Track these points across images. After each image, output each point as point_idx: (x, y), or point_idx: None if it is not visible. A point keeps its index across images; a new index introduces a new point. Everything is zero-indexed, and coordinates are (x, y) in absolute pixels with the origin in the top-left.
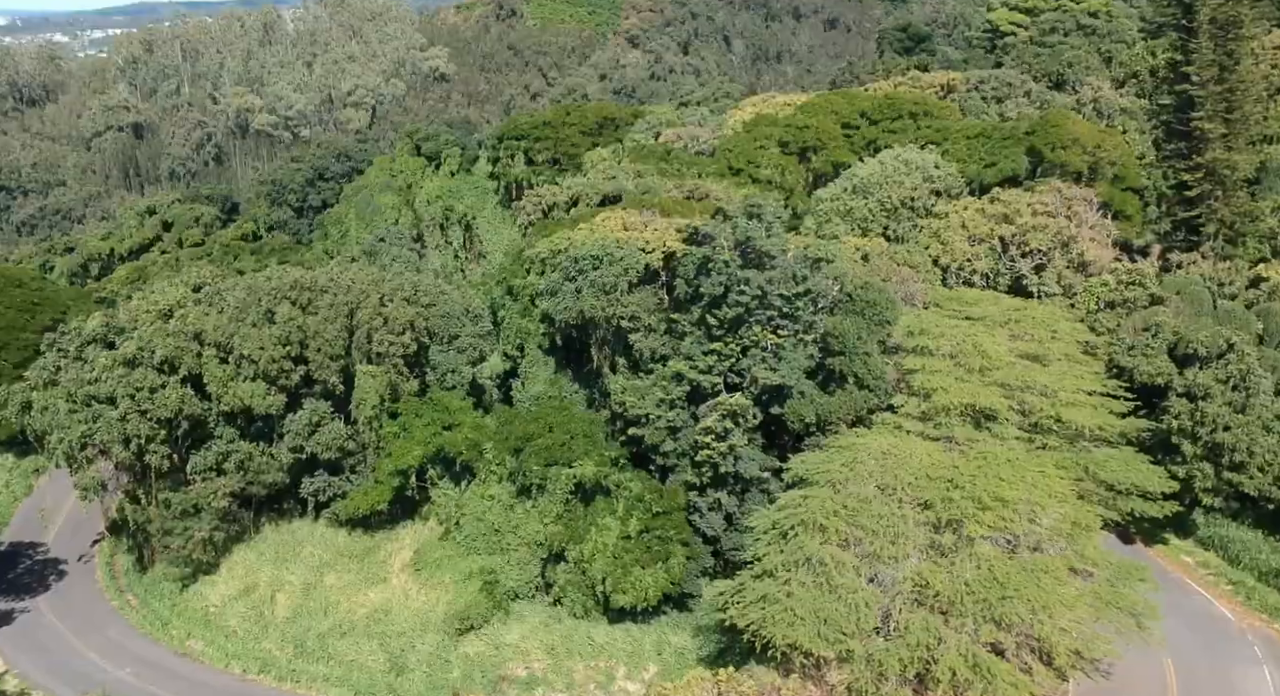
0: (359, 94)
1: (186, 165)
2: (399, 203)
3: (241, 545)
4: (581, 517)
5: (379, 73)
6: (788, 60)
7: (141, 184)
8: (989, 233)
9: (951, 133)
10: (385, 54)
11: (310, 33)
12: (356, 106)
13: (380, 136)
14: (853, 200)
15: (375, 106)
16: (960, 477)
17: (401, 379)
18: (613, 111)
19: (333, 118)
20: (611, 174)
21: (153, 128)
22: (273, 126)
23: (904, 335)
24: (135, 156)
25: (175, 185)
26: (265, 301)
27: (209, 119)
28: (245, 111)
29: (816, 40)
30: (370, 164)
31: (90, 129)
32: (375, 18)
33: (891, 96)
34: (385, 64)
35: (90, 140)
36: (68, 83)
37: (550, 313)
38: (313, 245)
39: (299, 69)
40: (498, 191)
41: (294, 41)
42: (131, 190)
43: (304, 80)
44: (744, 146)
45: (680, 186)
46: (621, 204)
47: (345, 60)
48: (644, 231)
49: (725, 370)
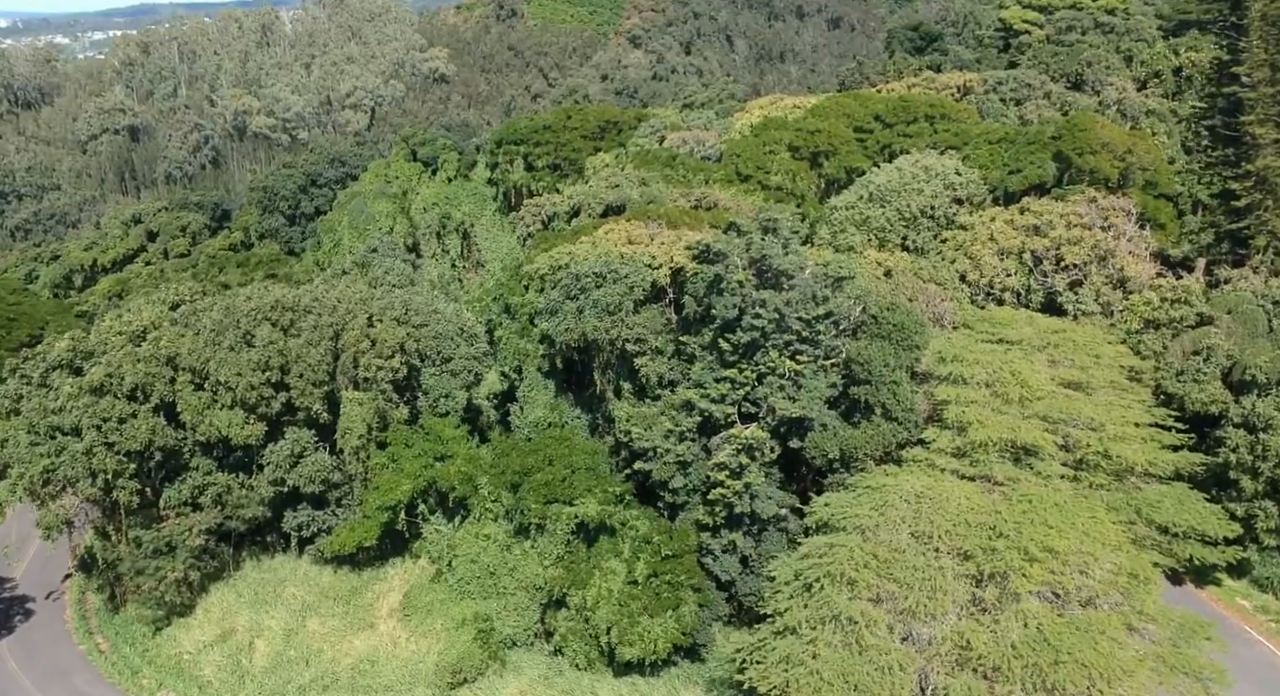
0: (358, 96)
1: (183, 168)
2: (394, 210)
3: (220, 583)
4: (584, 560)
5: (378, 74)
6: (791, 60)
7: (138, 187)
8: (1020, 246)
9: (972, 137)
10: (384, 55)
11: (308, 34)
12: (355, 108)
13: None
14: (869, 209)
15: (374, 108)
16: (1004, 525)
17: (390, 406)
18: (615, 114)
19: (331, 120)
20: (614, 182)
21: (149, 130)
22: (270, 129)
23: (935, 361)
24: (131, 160)
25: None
26: (244, 323)
27: (206, 121)
28: (243, 114)
29: (820, 39)
30: (365, 169)
31: (86, 132)
32: (374, 18)
33: (906, 98)
34: (384, 65)
35: (86, 143)
36: (64, 85)
37: (550, 333)
38: (303, 256)
39: (297, 71)
40: (496, 198)
41: (292, 43)
42: (127, 194)
43: (302, 82)
44: (752, 151)
45: (687, 195)
46: (625, 215)
47: (344, 62)
48: (650, 245)
49: (740, 399)
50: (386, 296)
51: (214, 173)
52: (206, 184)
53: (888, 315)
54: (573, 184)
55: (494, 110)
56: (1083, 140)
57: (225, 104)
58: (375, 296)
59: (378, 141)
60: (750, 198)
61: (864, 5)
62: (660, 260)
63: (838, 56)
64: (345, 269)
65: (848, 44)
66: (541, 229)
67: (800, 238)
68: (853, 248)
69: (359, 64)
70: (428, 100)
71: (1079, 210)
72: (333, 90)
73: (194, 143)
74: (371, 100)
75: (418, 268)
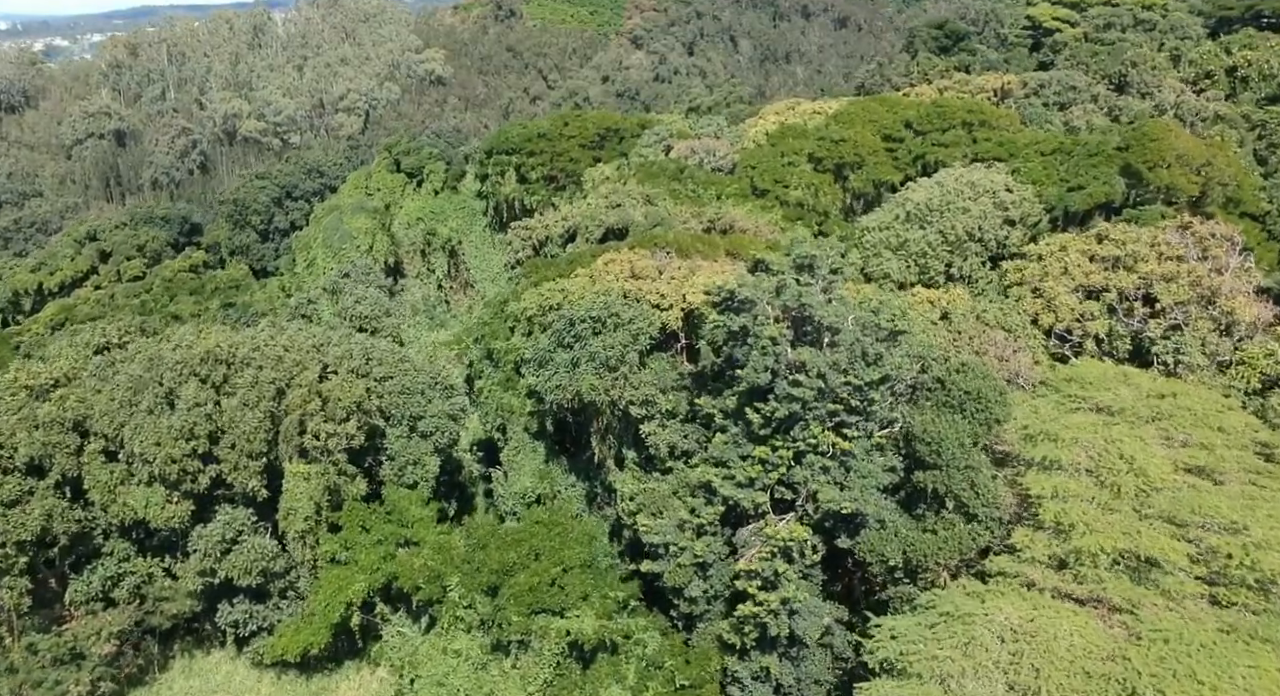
0: (351, 98)
1: (170, 174)
2: (373, 227)
3: (142, 690)
4: (579, 685)
5: (372, 76)
6: (797, 61)
7: (123, 194)
8: (1103, 283)
9: (1019, 147)
10: (379, 57)
11: (301, 35)
12: (348, 112)
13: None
14: (907, 230)
15: (368, 111)
16: (1137, 679)
17: (345, 479)
18: (616, 121)
19: (324, 123)
20: (615, 200)
21: (136, 135)
22: (261, 133)
23: (1020, 439)
24: (117, 165)
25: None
26: (167, 379)
27: (194, 125)
28: (232, 117)
29: (827, 40)
30: (345, 181)
31: (70, 136)
32: (369, 19)
33: (940, 104)
34: (379, 67)
35: (70, 148)
36: (49, 88)
37: (539, 390)
38: (266, 283)
39: (289, 73)
40: (487, 212)
41: (284, 44)
42: (112, 201)
43: (294, 84)
44: (770, 163)
45: (698, 214)
46: (629, 240)
47: (338, 63)
48: (657, 280)
49: (773, 483)
50: (345, 342)
51: (202, 178)
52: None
53: (958, 379)
54: (570, 198)
55: (491, 113)
56: (1154, 152)
57: (215, 107)
58: (332, 342)
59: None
60: (768, 215)
61: (871, 5)
62: (670, 299)
63: (844, 57)
64: (311, 298)
65: (855, 44)
66: (533, 254)
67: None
68: (889, 275)
69: (353, 66)
70: (423, 103)
71: (1169, 238)
72: (325, 93)
73: (181, 147)
74: (365, 103)
75: (396, 294)
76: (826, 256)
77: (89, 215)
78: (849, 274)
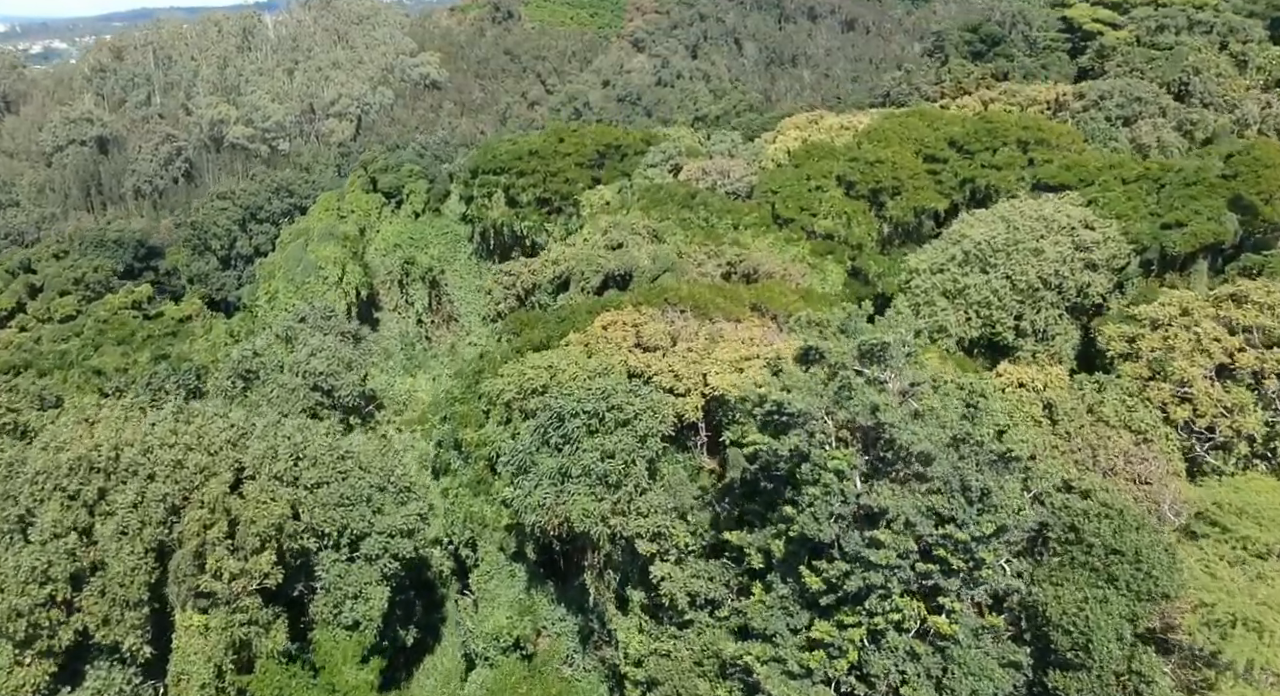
0: (343, 103)
1: (153, 182)
2: (343, 256)
3: None
4: None
5: (365, 80)
6: (804, 64)
7: (104, 203)
8: (1257, 363)
9: (1091, 172)
10: (372, 60)
11: (292, 38)
12: (340, 117)
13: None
14: (966, 275)
15: (360, 117)
16: None
17: (258, 630)
18: (617, 136)
19: (314, 129)
20: (617, 237)
21: (119, 142)
22: (248, 139)
23: (1200, 624)
24: (98, 173)
25: (140, 204)
26: (25, 496)
27: (179, 132)
28: (219, 123)
29: (834, 42)
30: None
31: (51, 143)
32: (362, 21)
33: (989, 119)
34: (372, 71)
35: (50, 155)
36: (31, 93)
37: (517, 509)
38: (213, 325)
39: (279, 77)
40: (472, 237)
41: (275, 47)
42: (92, 211)
43: (284, 89)
44: (794, 187)
45: (715, 254)
46: (632, 291)
47: (329, 67)
48: (670, 355)
49: (840, 676)
50: (271, 435)
51: (187, 187)
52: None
53: (1103, 529)
54: (565, 223)
55: (488, 118)
56: (1271, 180)
57: (201, 113)
58: (254, 431)
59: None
60: (793, 248)
61: (879, 6)
62: (687, 381)
63: (852, 60)
64: (258, 349)
65: (863, 47)
66: (518, 304)
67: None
68: (945, 329)
69: (345, 70)
70: (418, 108)
71: None
72: (316, 97)
73: (165, 155)
74: (358, 108)
75: (360, 341)
76: (901, 345)
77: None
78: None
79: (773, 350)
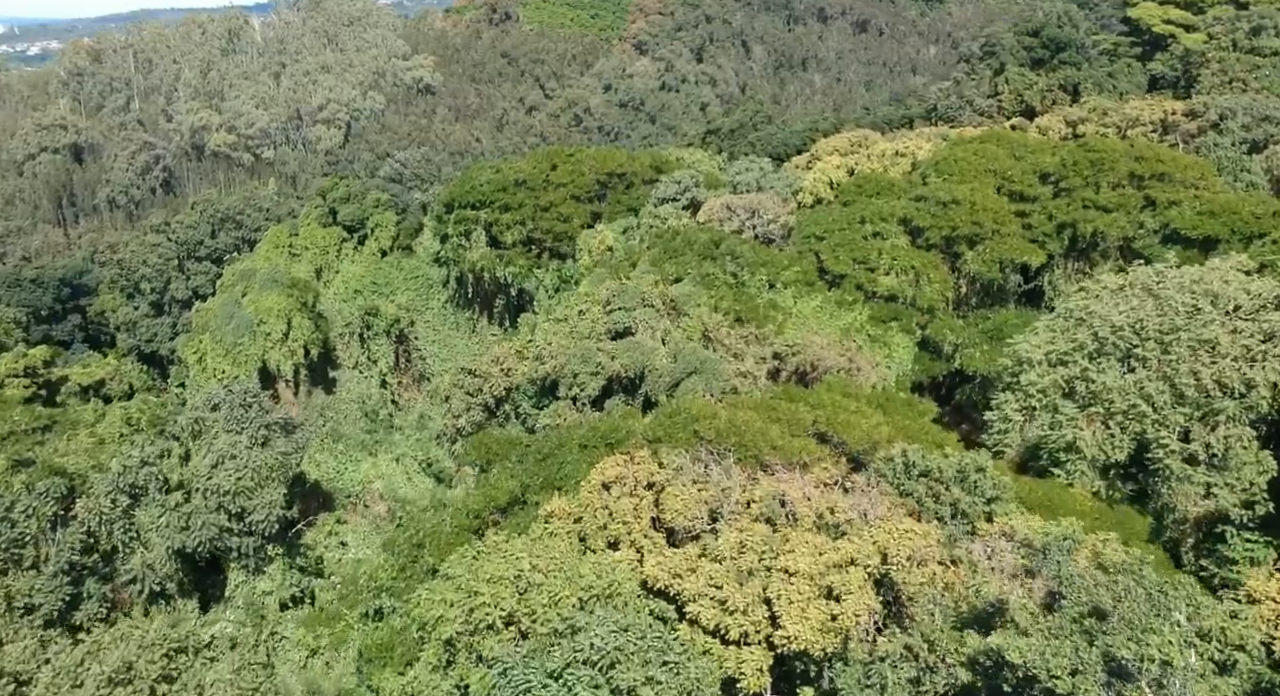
0: (331, 109)
1: (129, 193)
2: (290, 306)
3: None
4: None
5: (355, 85)
6: (815, 67)
7: (76, 215)
8: None
9: (1247, 219)
10: (363, 64)
11: (279, 40)
12: (328, 123)
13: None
14: (1100, 371)
15: (350, 123)
16: None
17: None
18: (621, 161)
19: (300, 136)
20: (622, 321)
21: (95, 149)
22: (231, 147)
23: None
24: (71, 183)
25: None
26: None
27: (157, 139)
28: (201, 130)
29: (846, 45)
30: None
31: (22, 151)
32: (354, 23)
33: (1090, 146)
34: (363, 75)
35: (21, 164)
36: (4, 97)
37: None
38: (108, 411)
39: (264, 81)
40: (448, 282)
41: (261, 50)
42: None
43: (270, 94)
44: (844, 232)
45: (756, 338)
46: (644, 392)
47: (318, 71)
48: (709, 561)
49: None
50: None
51: (165, 198)
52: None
53: None
54: (558, 271)
55: (484, 125)
56: None
57: (182, 119)
58: None
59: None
60: (848, 315)
61: (892, 8)
62: (743, 620)
63: (865, 63)
64: (144, 458)
65: (876, 50)
66: (485, 418)
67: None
68: (1076, 449)
69: (334, 73)
70: (410, 114)
71: None
72: (303, 103)
73: (142, 163)
74: (347, 114)
75: (294, 431)
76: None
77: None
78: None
79: (871, 540)
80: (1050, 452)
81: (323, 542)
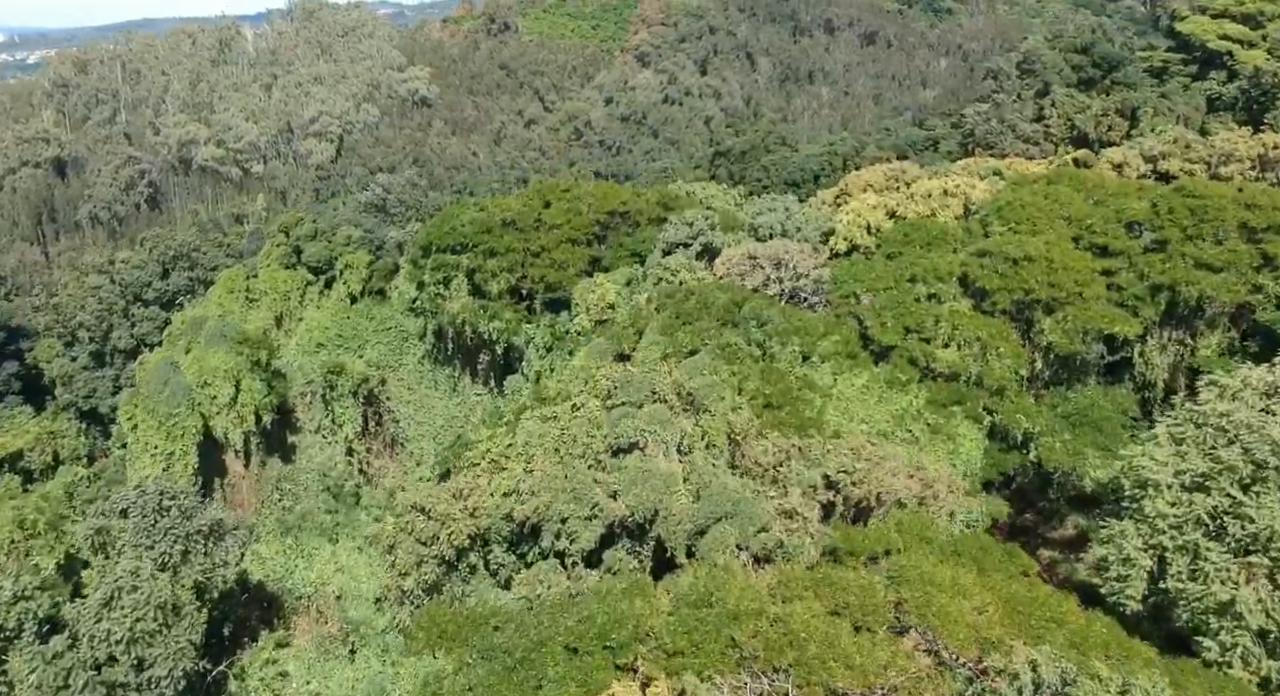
0: (323, 122)
1: (112, 209)
2: (239, 365)
3: None
4: None
5: (349, 97)
6: (821, 80)
7: (57, 232)
8: None
9: None
10: (357, 75)
11: (271, 51)
12: (320, 137)
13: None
14: (1259, 505)
15: (342, 136)
16: None
17: None
18: (624, 198)
19: (291, 150)
20: (629, 431)
21: (79, 164)
22: (219, 161)
23: None
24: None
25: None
26: None
27: (144, 153)
28: (188, 143)
29: (853, 57)
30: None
31: (2, 165)
32: (348, 33)
33: (1189, 190)
34: (357, 86)
35: (1, 179)
36: None
37: None
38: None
39: (255, 93)
40: (425, 335)
41: (252, 61)
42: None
43: (260, 106)
44: (891, 292)
45: (798, 452)
46: (666, 627)
47: (310, 82)
48: None
49: None
50: None
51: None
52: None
53: None
54: (551, 326)
55: (481, 138)
56: None
57: (169, 132)
58: None
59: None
60: (901, 399)
61: (900, 19)
62: None
63: (873, 76)
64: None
65: (885, 63)
66: (442, 574)
67: None
68: (1234, 612)
69: (327, 85)
70: (405, 127)
71: None
72: (295, 115)
73: (127, 178)
74: (340, 127)
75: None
76: None
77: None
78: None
79: None
80: (1194, 613)
81: (258, 674)
